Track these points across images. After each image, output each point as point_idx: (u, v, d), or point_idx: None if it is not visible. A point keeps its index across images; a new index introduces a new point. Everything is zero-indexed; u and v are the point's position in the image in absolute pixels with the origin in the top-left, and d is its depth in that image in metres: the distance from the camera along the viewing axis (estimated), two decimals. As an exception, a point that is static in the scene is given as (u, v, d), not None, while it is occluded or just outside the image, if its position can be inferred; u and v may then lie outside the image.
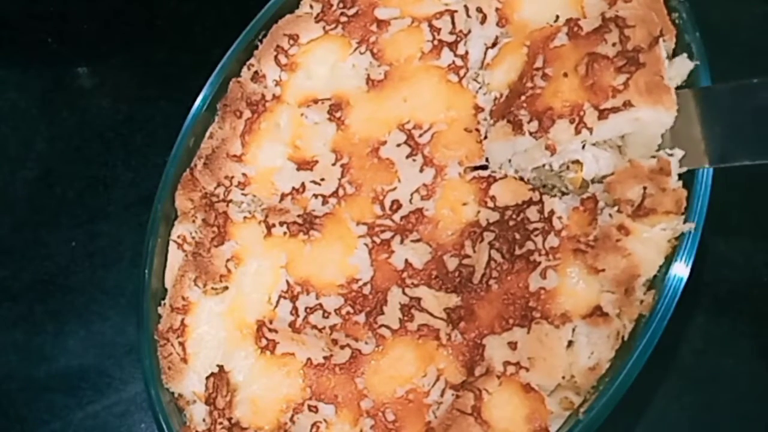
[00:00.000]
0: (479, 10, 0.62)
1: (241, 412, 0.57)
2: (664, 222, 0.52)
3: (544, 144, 0.54)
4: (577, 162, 0.55)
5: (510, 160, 0.57)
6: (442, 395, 0.54)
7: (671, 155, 0.51)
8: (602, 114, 0.51)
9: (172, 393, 0.60)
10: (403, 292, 0.57)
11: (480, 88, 0.61)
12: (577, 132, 0.52)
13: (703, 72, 0.53)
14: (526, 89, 0.55)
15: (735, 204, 0.64)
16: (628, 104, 0.51)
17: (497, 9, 0.61)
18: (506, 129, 0.55)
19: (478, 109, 0.60)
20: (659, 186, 0.51)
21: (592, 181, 0.55)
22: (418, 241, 0.58)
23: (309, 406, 0.56)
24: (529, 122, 0.54)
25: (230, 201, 0.64)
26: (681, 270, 0.50)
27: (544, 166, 0.55)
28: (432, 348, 0.55)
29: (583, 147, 0.53)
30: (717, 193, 0.52)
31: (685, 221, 0.51)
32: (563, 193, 0.56)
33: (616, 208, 0.53)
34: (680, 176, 0.52)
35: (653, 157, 0.52)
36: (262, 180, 0.64)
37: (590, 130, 0.52)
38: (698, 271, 0.51)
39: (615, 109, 0.51)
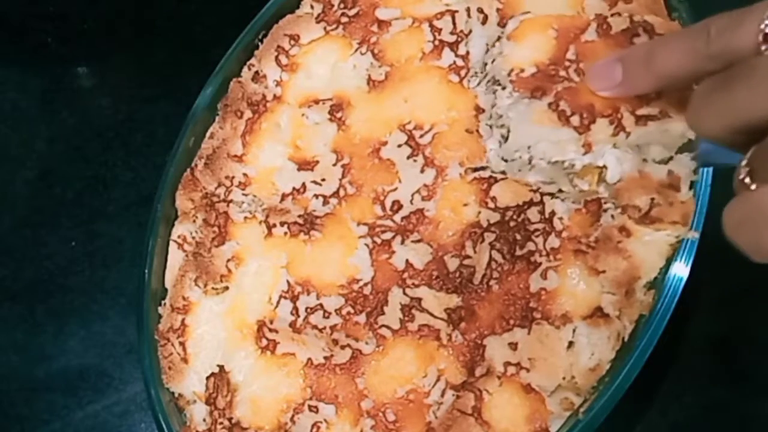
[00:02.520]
0: (480, 10, 0.62)
1: (242, 412, 0.57)
2: (669, 230, 0.52)
3: (583, 141, 0.52)
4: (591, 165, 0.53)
5: (530, 147, 0.55)
6: (442, 395, 0.54)
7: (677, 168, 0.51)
8: (639, 120, 0.50)
9: (173, 393, 0.60)
10: (404, 293, 0.57)
11: (479, 83, 0.60)
12: (615, 134, 0.51)
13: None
14: (560, 78, 0.53)
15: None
16: (664, 114, 0.50)
17: (498, 9, 0.61)
18: (551, 115, 0.53)
19: (479, 109, 0.59)
20: (667, 199, 0.51)
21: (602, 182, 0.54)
22: (418, 241, 0.58)
23: (309, 406, 0.56)
24: (571, 115, 0.52)
25: (231, 201, 0.64)
26: (681, 270, 0.50)
27: (564, 162, 0.53)
28: (432, 348, 0.55)
29: (603, 154, 0.52)
30: (717, 193, 0.52)
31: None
32: (560, 191, 0.56)
33: (619, 209, 0.53)
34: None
35: (668, 161, 0.52)
36: (262, 180, 0.64)
37: (627, 134, 0.51)
38: (698, 271, 0.51)
39: (651, 117, 0.50)
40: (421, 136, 0.61)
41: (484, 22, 0.62)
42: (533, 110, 0.54)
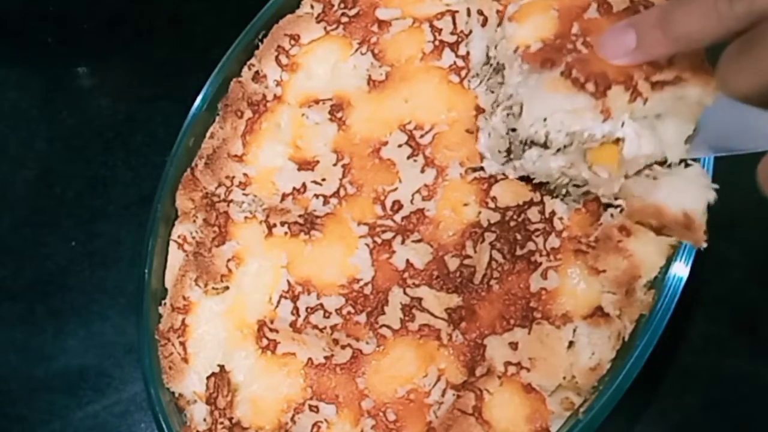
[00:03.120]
0: (480, 12, 0.62)
1: (242, 412, 0.57)
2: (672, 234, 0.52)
3: (600, 107, 0.49)
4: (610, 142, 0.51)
5: (546, 119, 0.52)
6: (443, 395, 0.54)
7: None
8: (655, 86, 0.48)
9: (173, 393, 0.60)
10: (404, 292, 0.57)
11: (480, 83, 0.60)
12: (632, 100, 0.49)
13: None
14: (568, 50, 0.51)
15: (735, 204, 0.64)
16: (678, 79, 0.48)
17: (498, 11, 0.61)
18: (565, 82, 0.50)
19: (480, 110, 0.59)
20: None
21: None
22: (419, 241, 0.58)
23: (310, 406, 0.56)
24: (585, 82, 0.49)
25: (231, 201, 0.64)
26: (681, 270, 0.51)
27: (584, 133, 0.51)
28: (433, 348, 0.55)
29: (622, 125, 0.50)
30: (717, 193, 0.52)
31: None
32: (566, 194, 0.56)
33: (619, 209, 0.53)
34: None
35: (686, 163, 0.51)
36: (263, 180, 0.64)
37: (645, 100, 0.48)
38: (698, 271, 0.51)
39: (667, 83, 0.48)
40: (422, 136, 0.61)
41: (484, 24, 0.62)
42: (545, 80, 0.52)
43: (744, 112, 0.43)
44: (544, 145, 0.53)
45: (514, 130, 0.55)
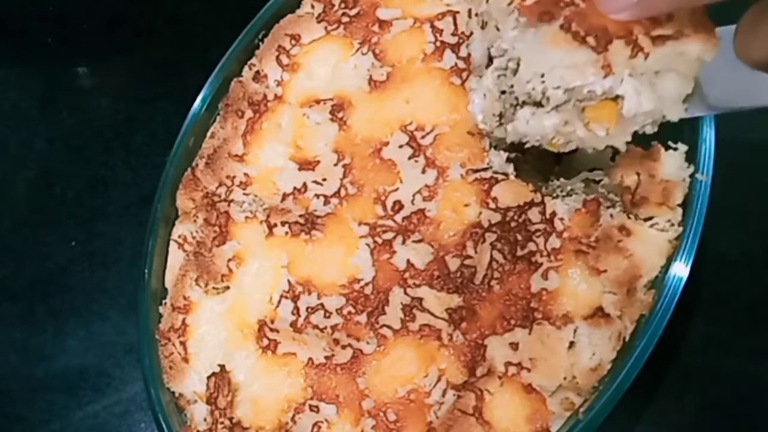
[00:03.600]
0: (480, 14, 0.62)
1: (242, 412, 0.57)
2: (657, 215, 0.52)
3: (601, 62, 0.48)
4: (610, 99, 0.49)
5: (544, 75, 0.50)
6: (443, 395, 0.54)
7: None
8: (656, 40, 0.47)
9: (173, 393, 0.60)
10: (405, 293, 0.57)
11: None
12: (633, 56, 0.47)
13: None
14: (565, 3, 0.48)
15: (735, 204, 0.64)
16: (679, 34, 0.46)
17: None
18: (565, 36, 0.48)
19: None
20: (649, 173, 0.52)
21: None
22: (419, 241, 0.58)
23: (310, 406, 0.56)
24: (585, 36, 0.47)
25: (232, 201, 0.64)
26: (681, 270, 0.51)
27: (583, 88, 0.49)
28: (433, 348, 0.55)
29: (621, 81, 0.48)
30: (717, 193, 0.52)
31: (684, 222, 0.52)
32: (567, 193, 0.55)
33: (618, 208, 0.54)
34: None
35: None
36: (263, 180, 0.64)
37: (646, 55, 0.47)
38: (698, 271, 0.51)
39: (667, 37, 0.47)
40: (423, 137, 0.61)
41: (483, 27, 0.62)
42: (544, 35, 0.49)
43: (744, 69, 0.42)
44: (539, 104, 0.51)
45: (504, 92, 0.54)
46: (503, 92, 0.54)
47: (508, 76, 0.53)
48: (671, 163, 0.54)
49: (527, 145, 0.54)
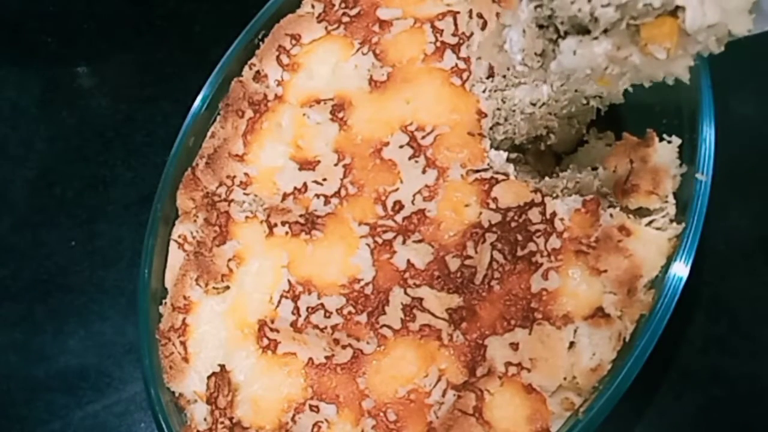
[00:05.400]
0: (480, 15, 0.62)
1: (243, 412, 0.57)
2: (647, 205, 0.52)
3: None
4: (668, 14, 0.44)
5: None
6: (443, 395, 0.54)
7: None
8: None
9: (173, 392, 0.60)
10: (405, 293, 0.57)
11: (484, 89, 0.60)
12: None
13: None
14: None
15: (735, 204, 0.64)
16: None
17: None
18: None
19: (482, 114, 0.59)
20: (642, 159, 0.52)
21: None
22: (420, 241, 0.58)
23: (310, 406, 0.56)
24: None
25: (232, 200, 0.64)
26: (681, 270, 0.51)
27: (638, 3, 0.43)
28: (434, 348, 0.55)
29: None
30: (717, 192, 0.52)
31: (685, 222, 0.52)
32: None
33: (618, 208, 0.54)
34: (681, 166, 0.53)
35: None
36: (263, 180, 0.64)
37: None
38: (698, 271, 0.51)
39: None
40: (423, 137, 0.61)
41: (483, 28, 0.62)
42: None
43: None
44: (585, 31, 0.46)
45: (542, 26, 0.49)
46: (541, 27, 0.49)
47: (547, 3, 0.47)
48: (664, 153, 0.55)
49: (567, 89, 0.50)
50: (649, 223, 0.54)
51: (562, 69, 0.49)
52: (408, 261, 0.58)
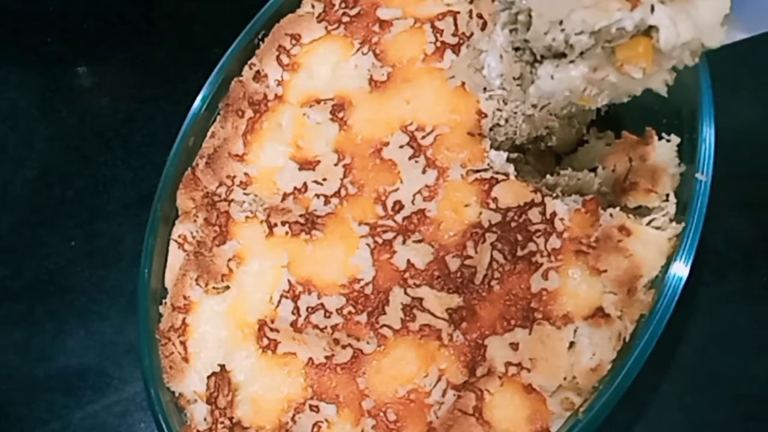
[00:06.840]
0: (480, 16, 0.62)
1: (243, 412, 0.57)
2: (646, 203, 0.53)
3: None
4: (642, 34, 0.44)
5: (563, 22, 0.45)
6: (443, 395, 0.54)
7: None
8: None
9: (173, 392, 0.60)
10: (405, 292, 0.57)
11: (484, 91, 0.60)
12: None
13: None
14: None
15: (735, 204, 0.64)
16: None
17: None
18: None
19: (482, 114, 0.59)
20: (641, 157, 0.52)
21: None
22: (420, 241, 0.58)
23: (310, 406, 0.56)
24: None
25: (232, 200, 0.64)
26: (681, 270, 0.51)
27: (611, 28, 0.44)
28: (434, 348, 0.55)
29: (652, 10, 0.43)
30: (717, 192, 0.52)
31: (685, 221, 0.52)
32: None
33: (618, 207, 0.54)
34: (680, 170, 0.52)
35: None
36: (264, 179, 0.65)
37: None
38: (698, 271, 0.51)
39: None
40: (423, 137, 0.61)
41: (483, 28, 0.62)
42: None
43: None
44: (561, 55, 0.46)
45: (518, 49, 0.49)
46: (518, 49, 0.50)
47: (521, 31, 0.48)
48: (663, 151, 0.55)
49: (551, 107, 0.50)
50: (649, 223, 0.54)
51: (540, 93, 0.50)
52: (408, 261, 0.58)
